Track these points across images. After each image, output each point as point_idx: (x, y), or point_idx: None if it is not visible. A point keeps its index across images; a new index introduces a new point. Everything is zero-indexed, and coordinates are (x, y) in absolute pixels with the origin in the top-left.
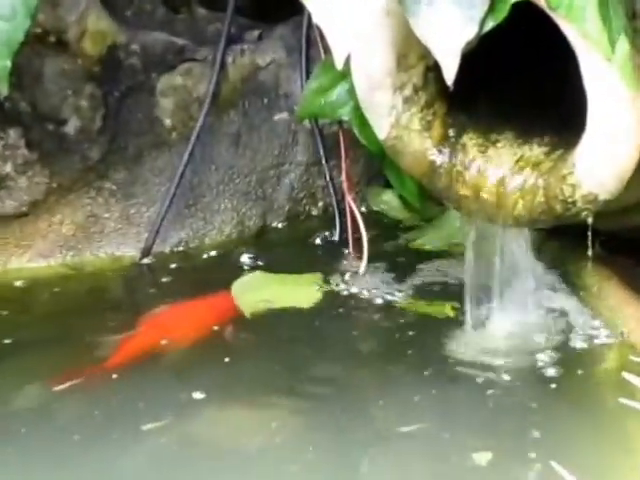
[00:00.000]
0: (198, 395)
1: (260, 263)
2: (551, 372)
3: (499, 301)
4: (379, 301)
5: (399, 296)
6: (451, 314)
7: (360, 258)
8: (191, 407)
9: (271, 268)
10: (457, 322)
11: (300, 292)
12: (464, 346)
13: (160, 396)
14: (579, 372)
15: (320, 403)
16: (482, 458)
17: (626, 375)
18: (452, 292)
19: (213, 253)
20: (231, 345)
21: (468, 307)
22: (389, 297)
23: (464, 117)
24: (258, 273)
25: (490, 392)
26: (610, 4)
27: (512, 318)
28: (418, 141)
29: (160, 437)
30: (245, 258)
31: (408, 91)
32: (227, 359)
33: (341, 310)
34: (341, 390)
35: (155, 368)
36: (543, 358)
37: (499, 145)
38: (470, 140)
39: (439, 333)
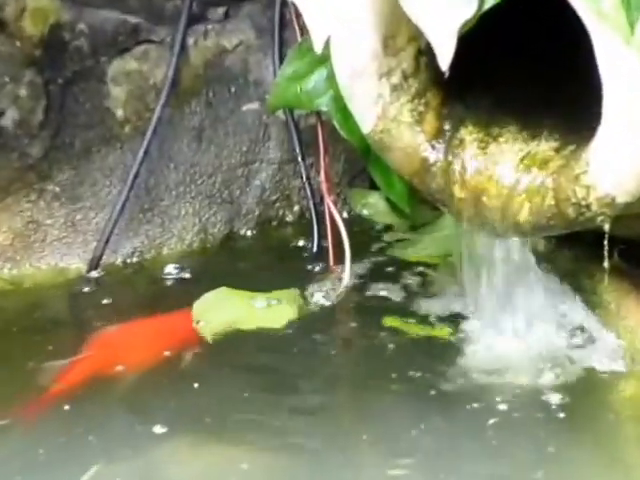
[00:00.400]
0: (158, 429)
1: (226, 276)
2: (561, 401)
3: (502, 320)
4: (364, 320)
5: (387, 314)
6: (447, 335)
7: (342, 270)
8: (151, 443)
9: (238, 283)
10: (453, 343)
11: (272, 311)
12: (461, 371)
13: (114, 430)
14: (593, 401)
15: (297, 439)
16: None
17: None
18: (448, 309)
19: (172, 265)
20: (193, 371)
21: (466, 326)
22: (375, 315)
23: (461, 108)
24: (223, 289)
25: (491, 422)
26: None
27: (516, 339)
28: (408, 135)
29: (115, 478)
30: (208, 270)
31: (396, 78)
32: (189, 388)
33: (320, 331)
34: (321, 423)
35: (107, 397)
36: (552, 385)
37: (502, 140)
38: (468, 134)
39: (433, 356)
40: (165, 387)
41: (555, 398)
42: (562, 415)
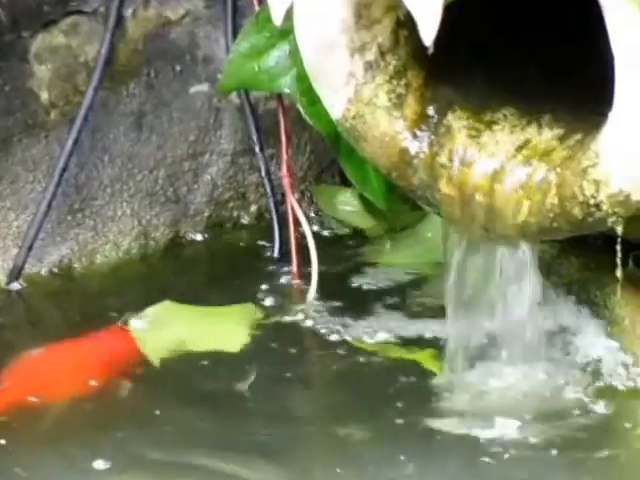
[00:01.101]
0: (100, 464)
1: (171, 288)
2: (569, 435)
3: (495, 341)
4: (333, 339)
5: (359, 333)
6: (427, 359)
7: (307, 281)
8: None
9: (186, 297)
10: (434, 370)
11: (226, 330)
12: (446, 402)
13: (51, 466)
14: (606, 437)
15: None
16: None
17: None
18: (429, 328)
19: (107, 275)
20: (134, 399)
21: (452, 349)
22: (346, 334)
23: (448, 89)
24: (168, 304)
25: (484, 463)
26: None
27: (513, 364)
28: (385, 122)
29: None
30: (150, 281)
31: (371, 54)
32: (131, 417)
33: (281, 353)
34: (282, 460)
35: (35, 430)
36: (557, 417)
37: (496, 127)
38: (457, 121)
39: (412, 383)
40: (103, 417)
41: (562, 435)
42: (571, 454)
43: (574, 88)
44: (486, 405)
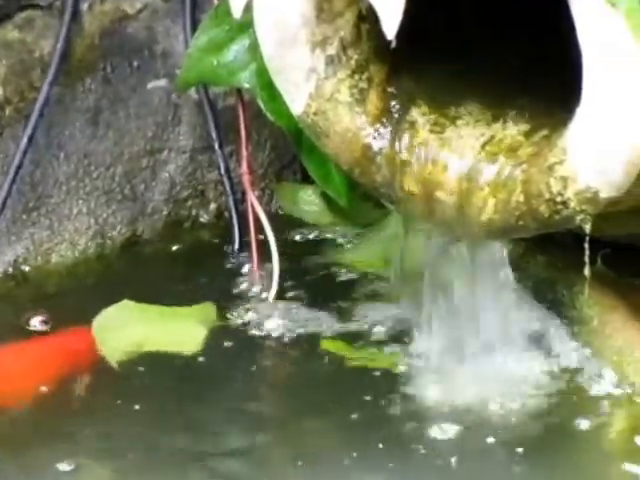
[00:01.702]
0: (65, 466)
1: (128, 288)
2: (536, 436)
3: (461, 342)
4: (294, 341)
5: (322, 334)
6: (393, 361)
7: (267, 281)
8: None
9: (144, 297)
10: (401, 372)
11: (185, 330)
12: (413, 404)
13: (14, 471)
14: (572, 436)
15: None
16: None
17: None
18: (395, 328)
19: (63, 275)
20: (93, 400)
21: (416, 350)
22: (308, 336)
23: (412, 84)
24: (126, 303)
25: (453, 462)
26: None
27: (481, 365)
28: (347, 117)
29: None
30: (108, 281)
31: (333, 48)
32: (91, 418)
33: (242, 356)
34: (244, 454)
35: None
36: (524, 418)
37: (460, 122)
38: (420, 116)
39: (377, 385)
40: (62, 419)
41: (531, 435)
42: (537, 455)
43: (542, 82)
44: (449, 400)
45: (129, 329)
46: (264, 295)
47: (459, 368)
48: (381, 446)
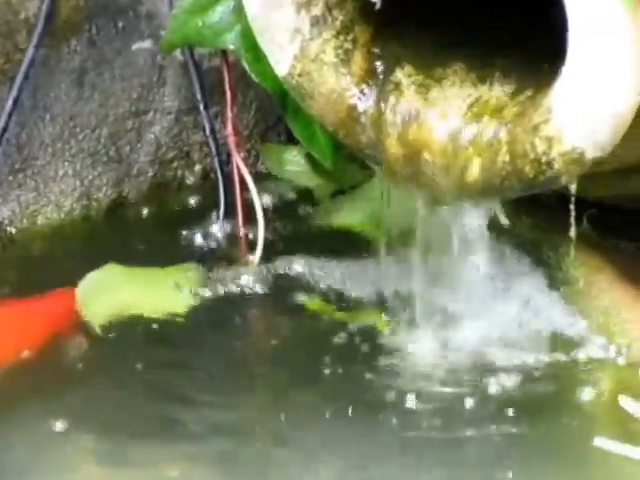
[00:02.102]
0: (59, 426)
1: (114, 251)
2: (519, 398)
3: (447, 303)
4: (280, 302)
5: (308, 295)
6: (378, 323)
7: (254, 241)
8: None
9: (129, 259)
10: (385, 334)
11: (170, 292)
12: (399, 366)
13: (9, 431)
14: (557, 398)
15: (205, 449)
16: None
17: (624, 402)
18: (379, 290)
19: (48, 236)
20: (80, 362)
21: (401, 311)
22: (294, 297)
23: (397, 46)
24: (111, 266)
25: (433, 426)
26: None
27: (465, 326)
28: (332, 79)
29: None
30: (93, 244)
31: (318, 9)
32: (81, 380)
33: (227, 317)
34: (238, 433)
35: None
36: (507, 380)
37: (446, 83)
38: (405, 77)
39: (364, 348)
40: (50, 382)
41: (514, 398)
42: (523, 419)
43: (527, 44)
44: (431, 360)
45: (113, 292)
46: (249, 256)
47: (443, 329)
48: (364, 400)
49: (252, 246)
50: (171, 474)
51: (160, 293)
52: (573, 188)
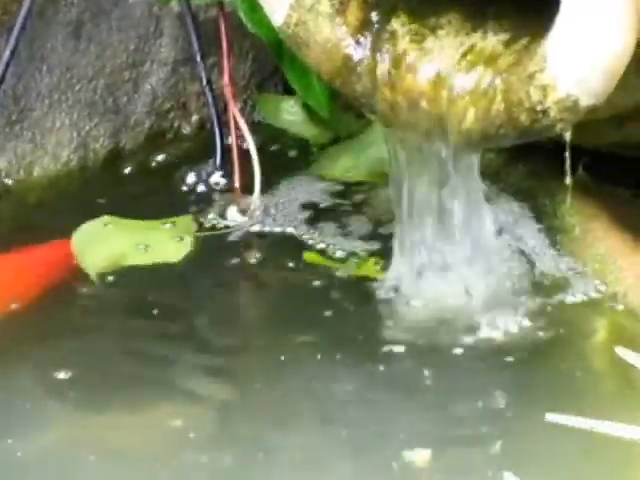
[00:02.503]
0: (62, 374)
1: (110, 201)
2: (515, 344)
3: (443, 251)
4: (277, 252)
5: (305, 245)
6: (375, 274)
7: (250, 191)
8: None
9: (126, 210)
10: (382, 285)
11: (166, 243)
12: (393, 315)
13: (13, 379)
14: (552, 344)
15: (205, 392)
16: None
17: (620, 351)
18: (377, 240)
19: (45, 187)
20: (77, 313)
21: (399, 261)
22: (291, 246)
23: None
24: (107, 218)
25: (427, 375)
26: None
27: (462, 274)
28: (328, 28)
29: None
30: (89, 194)
31: None
32: (80, 330)
33: (225, 268)
34: (230, 379)
35: None
36: (504, 327)
37: (441, 33)
38: (401, 26)
39: (359, 297)
40: (49, 331)
41: (509, 347)
42: (519, 368)
43: None
44: (428, 307)
45: (110, 243)
46: (246, 206)
47: (441, 277)
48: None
49: (249, 194)
50: (173, 421)
51: (156, 243)
52: (568, 136)
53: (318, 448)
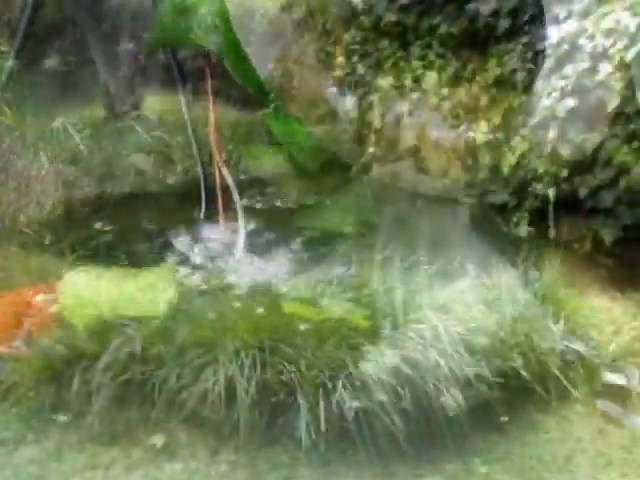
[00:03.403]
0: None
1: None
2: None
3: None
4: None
5: (283, 285)
6: (361, 320)
7: (234, 237)
8: None
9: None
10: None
11: (149, 292)
12: None
13: None
14: (527, 396)
15: None
16: None
17: (602, 404)
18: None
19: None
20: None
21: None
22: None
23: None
24: (90, 267)
25: None
26: None
27: None
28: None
29: None
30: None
31: None
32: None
33: (206, 310)
34: None
35: None
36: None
37: None
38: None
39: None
40: None
41: None
42: None
43: None
44: None
45: (95, 294)
46: (230, 254)
47: None
48: None
49: (234, 241)
50: None
51: (139, 293)
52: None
53: None
